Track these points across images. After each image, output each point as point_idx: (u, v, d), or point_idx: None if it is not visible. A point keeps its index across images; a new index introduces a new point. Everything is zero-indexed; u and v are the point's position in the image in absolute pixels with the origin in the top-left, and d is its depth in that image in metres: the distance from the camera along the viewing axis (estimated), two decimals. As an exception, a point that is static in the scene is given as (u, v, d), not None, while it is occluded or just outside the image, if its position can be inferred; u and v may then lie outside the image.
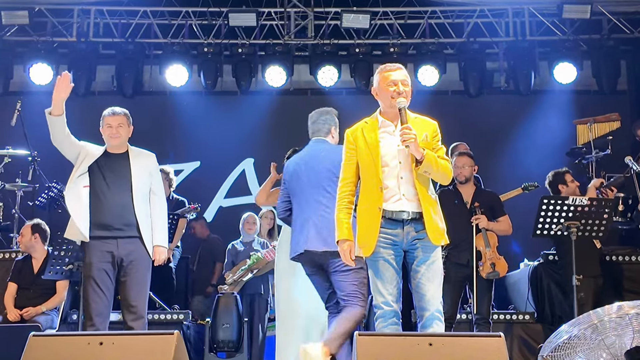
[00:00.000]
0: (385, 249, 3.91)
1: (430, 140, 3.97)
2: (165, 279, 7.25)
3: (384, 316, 3.92)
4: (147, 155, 5.04)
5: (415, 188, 3.89)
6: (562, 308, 6.40)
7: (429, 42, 9.29)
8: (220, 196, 9.46)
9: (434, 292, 3.89)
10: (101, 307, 4.70)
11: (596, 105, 8.84)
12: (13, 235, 7.41)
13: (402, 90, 3.96)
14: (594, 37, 9.21)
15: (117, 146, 4.93)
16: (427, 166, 3.84)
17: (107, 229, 4.74)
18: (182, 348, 3.40)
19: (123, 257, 4.75)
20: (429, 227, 3.88)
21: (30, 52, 9.18)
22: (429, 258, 3.91)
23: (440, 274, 3.95)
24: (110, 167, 4.86)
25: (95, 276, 4.69)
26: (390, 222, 3.92)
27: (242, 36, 9.35)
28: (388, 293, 3.91)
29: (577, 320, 3.19)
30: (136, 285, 4.78)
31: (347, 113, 9.42)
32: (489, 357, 3.18)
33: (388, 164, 3.96)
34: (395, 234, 3.92)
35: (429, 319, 3.87)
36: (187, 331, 6.72)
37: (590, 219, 5.33)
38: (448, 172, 4.01)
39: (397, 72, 4.05)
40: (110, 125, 4.91)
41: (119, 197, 4.79)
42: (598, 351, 3.09)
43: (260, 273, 6.84)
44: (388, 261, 3.92)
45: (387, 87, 4.01)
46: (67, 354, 3.25)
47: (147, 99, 9.48)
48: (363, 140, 4.06)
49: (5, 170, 7.43)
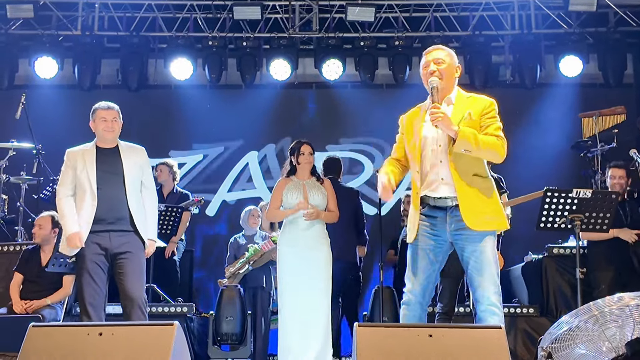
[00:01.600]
0: (425, 237, 3.81)
1: (476, 118, 3.80)
2: (169, 272, 7.28)
3: (407, 304, 3.86)
4: (137, 150, 5.06)
5: (453, 170, 3.75)
6: (567, 301, 6.38)
7: (434, 35, 9.24)
8: (224, 190, 9.46)
9: (485, 284, 3.72)
10: (95, 298, 4.74)
11: (602, 98, 8.79)
12: (18, 228, 7.44)
13: (435, 69, 3.87)
14: (600, 30, 9.16)
15: (110, 140, 4.94)
16: (462, 143, 3.67)
17: (100, 222, 4.78)
18: (181, 339, 3.40)
19: (116, 251, 4.79)
20: (464, 212, 3.70)
21: (35, 45, 9.20)
22: (475, 248, 3.75)
23: (490, 263, 3.74)
24: (102, 162, 4.88)
25: (88, 268, 4.73)
26: (433, 209, 3.81)
27: (247, 29, 9.34)
28: (418, 283, 3.82)
29: (577, 311, 3.17)
30: (132, 276, 4.79)
31: (351, 106, 9.59)
32: (489, 348, 3.17)
33: (429, 147, 3.84)
34: (435, 222, 3.80)
35: (482, 312, 3.75)
36: (191, 324, 6.74)
37: (594, 212, 5.29)
38: (494, 148, 3.74)
39: (431, 52, 3.97)
40: (105, 119, 4.91)
41: (111, 191, 4.82)
42: (598, 342, 3.07)
43: (258, 265, 6.83)
44: (425, 251, 3.81)
45: (423, 69, 3.95)
46: (67, 344, 3.25)
47: (151, 92, 9.48)
48: (410, 124, 3.99)
49: (10, 163, 7.45)
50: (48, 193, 7.64)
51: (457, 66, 3.98)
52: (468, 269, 3.80)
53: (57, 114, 9.07)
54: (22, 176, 7.53)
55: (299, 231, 5.62)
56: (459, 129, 3.70)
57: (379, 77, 9.51)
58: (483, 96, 3.96)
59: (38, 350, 3.26)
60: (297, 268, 5.56)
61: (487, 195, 3.77)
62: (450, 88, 3.95)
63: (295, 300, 5.53)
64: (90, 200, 4.78)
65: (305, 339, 5.47)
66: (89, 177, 4.82)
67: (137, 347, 3.22)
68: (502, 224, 3.82)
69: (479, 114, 3.82)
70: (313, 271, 5.56)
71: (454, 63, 3.97)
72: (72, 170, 4.88)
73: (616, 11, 9.04)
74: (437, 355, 3.17)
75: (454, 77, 3.96)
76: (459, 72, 3.99)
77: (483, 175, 3.82)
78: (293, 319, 5.52)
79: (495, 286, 3.74)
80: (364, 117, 9.50)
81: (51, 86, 9.28)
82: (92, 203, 4.78)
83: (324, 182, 5.84)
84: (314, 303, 5.52)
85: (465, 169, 3.76)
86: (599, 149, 7.47)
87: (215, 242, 9.08)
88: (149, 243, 4.93)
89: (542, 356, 3.15)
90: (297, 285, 5.54)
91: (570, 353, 3.12)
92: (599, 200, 5.28)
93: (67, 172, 4.91)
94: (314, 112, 9.70)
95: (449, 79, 3.91)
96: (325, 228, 5.72)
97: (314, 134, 8.66)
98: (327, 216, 5.72)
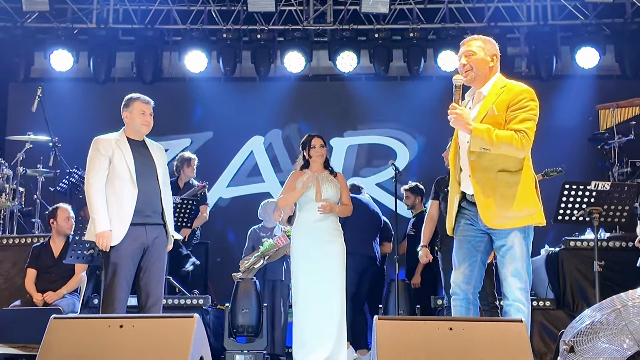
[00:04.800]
0: (464, 228, 3.83)
1: (500, 112, 3.75)
2: (180, 263, 7.28)
3: (454, 294, 3.86)
4: (159, 147, 5.06)
5: (472, 169, 3.75)
6: (584, 294, 6.35)
7: (449, 27, 9.22)
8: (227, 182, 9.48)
9: (510, 279, 3.72)
10: (124, 294, 4.72)
11: (619, 90, 8.72)
12: (35, 221, 7.48)
13: (464, 64, 3.86)
14: (617, 21, 9.09)
15: (142, 134, 4.92)
16: (477, 141, 3.66)
17: (138, 215, 4.72)
18: (201, 331, 3.41)
19: (149, 244, 4.77)
20: (481, 211, 3.71)
21: (50, 38, 9.25)
22: (502, 244, 3.76)
23: (516, 259, 3.72)
24: (137, 153, 4.83)
25: (123, 263, 4.67)
26: (469, 203, 3.83)
27: (261, 22, 9.32)
28: (460, 273, 3.83)
29: (600, 305, 3.15)
30: (158, 272, 4.80)
31: (366, 99, 9.56)
32: (510, 341, 3.15)
33: (462, 143, 3.84)
34: (473, 215, 3.81)
35: (507, 306, 3.76)
36: (207, 316, 6.76)
37: (613, 205, 5.25)
38: (511, 143, 3.67)
39: (464, 44, 3.94)
40: (144, 112, 4.86)
41: (148, 183, 4.78)
42: (621, 336, 3.04)
43: (273, 259, 6.82)
44: (466, 238, 3.83)
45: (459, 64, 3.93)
46: (88, 337, 3.26)
47: (166, 85, 9.49)
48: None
49: (26, 156, 7.47)
50: (64, 185, 7.69)
51: (492, 54, 3.91)
52: (497, 263, 3.85)
53: (73, 106, 9.13)
54: (39, 169, 7.56)
55: (312, 224, 5.62)
56: (473, 127, 3.66)
57: (393, 70, 9.48)
58: (519, 84, 3.89)
59: (60, 342, 3.27)
60: (310, 261, 5.56)
61: (514, 190, 3.72)
62: (483, 79, 3.91)
63: (309, 293, 5.54)
64: (132, 190, 4.69)
65: (320, 332, 5.48)
66: (128, 166, 4.71)
67: (157, 340, 3.23)
68: (530, 219, 3.76)
69: (505, 107, 3.77)
70: (327, 264, 5.56)
71: (488, 52, 3.91)
72: (107, 158, 4.72)
73: (633, 2, 8.93)
74: (458, 348, 3.16)
75: (487, 67, 3.91)
76: (495, 60, 3.92)
77: (512, 169, 3.75)
78: (307, 312, 5.53)
79: (522, 282, 3.73)
80: (378, 108, 9.47)
81: (67, 79, 9.32)
82: (134, 193, 4.69)
83: (337, 175, 5.83)
84: (328, 295, 5.52)
85: (488, 166, 3.73)
86: (617, 141, 7.42)
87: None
88: (170, 239, 4.94)
89: (565, 350, 3.13)
90: (311, 278, 5.55)
91: (593, 347, 3.10)
92: (617, 192, 5.25)
93: (100, 159, 4.71)
94: (329, 104, 9.67)
95: (481, 69, 3.88)
96: (338, 221, 5.72)
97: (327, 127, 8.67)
98: (341, 210, 5.71)
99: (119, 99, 5.03)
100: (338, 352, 5.50)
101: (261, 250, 6.87)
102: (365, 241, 6.70)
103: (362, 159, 9.45)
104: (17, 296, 6.22)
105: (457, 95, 3.77)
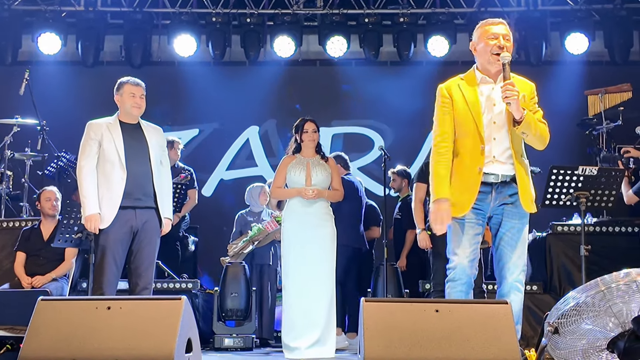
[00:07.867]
0: (473, 211, 3.80)
1: (527, 101, 3.80)
2: (172, 248, 7.29)
3: (454, 280, 3.81)
4: (157, 129, 5.06)
5: (510, 150, 3.76)
6: (570, 278, 6.39)
7: (439, 12, 9.19)
8: (223, 167, 9.46)
9: (516, 260, 3.78)
10: (113, 277, 4.73)
11: (608, 75, 8.73)
12: (23, 204, 7.45)
13: (504, 45, 3.78)
14: (607, 7, 9.10)
15: (135, 117, 4.92)
16: (526, 127, 3.69)
17: (128, 198, 4.73)
18: (189, 314, 3.42)
19: (139, 228, 4.77)
20: (522, 192, 3.75)
21: (38, 21, 9.15)
22: (514, 225, 3.80)
23: (524, 242, 3.81)
24: (128, 136, 4.83)
25: (112, 246, 4.70)
26: (481, 184, 3.80)
27: (251, 6, 9.27)
28: (465, 255, 3.80)
29: (584, 287, 3.18)
30: (148, 256, 4.82)
31: (356, 84, 9.55)
32: (496, 323, 3.18)
33: (484, 123, 3.79)
34: (482, 198, 3.79)
35: (506, 286, 3.78)
36: (196, 300, 6.78)
37: (600, 189, 5.29)
38: (545, 136, 3.83)
39: (499, 26, 3.86)
40: (134, 94, 4.87)
41: (138, 166, 4.79)
42: (605, 318, 3.08)
43: (262, 244, 6.83)
44: (473, 222, 3.80)
45: (487, 40, 3.81)
46: (76, 318, 3.27)
47: (155, 69, 9.43)
48: (460, 96, 3.84)
49: (14, 139, 7.43)
50: (53, 169, 7.65)
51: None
52: (500, 244, 3.83)
53: (61, 90, 9.06)
54: (27, 152, 7.52)
55: (302, 208, 5.63)
56: (525, 113, 3.70)
57: (383, 54, 9.46)
58: (524, 78, 3.95)
59: (47, 324, 3.27)
60: (301, 245, 5.57)
61: (530, 176, 3.85)
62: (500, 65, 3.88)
63: (299, 277, 5.55)
64: (121, 173, 4.71)
65: (309, 316, 5.50)
66: (117, 150, 4.75)
67: (145, 321, 3.24)
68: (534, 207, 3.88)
69: (529, 98, 3.85)
70: (317, 248, 5.58)
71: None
72: (96, 142, 4.77)
73: (623, -12, 8.97)
74: (444, 329, 3.19)
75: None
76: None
77: (525, 156, 3.88)
78: (297, 296, 5.55)
79: (524, 265, 3.83)
80: (368, 94, 9.46)
81: (54, 62, 9.25)
82: (122, 176, 4.71)
83: (328, 160, 5.83)
84: (318, 280, 5.54)
85: (517, 149, 3.80)
86: (605, 127, 7.44)
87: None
88: (166, 222, 4.92)
89: (549, 331, 3.16)
90: (301, 262, 5.56)
91: (577, 328, 3.13)
92: (604, 177, 5.28)
93: (90, 143, 4.77)
94: (319, 89, 9.64)
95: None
96: (329, 205, 5.73)
97: (317, 111, 8.64)
98: (331, 195, 5.72)
99: (107, 83, 5.04)
100: (327, 335, 5.52)
101: (250, 235, 6.87)
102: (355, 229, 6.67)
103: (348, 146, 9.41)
104: (5, 279, 6.22)
105: (508, 72, 3.73)
